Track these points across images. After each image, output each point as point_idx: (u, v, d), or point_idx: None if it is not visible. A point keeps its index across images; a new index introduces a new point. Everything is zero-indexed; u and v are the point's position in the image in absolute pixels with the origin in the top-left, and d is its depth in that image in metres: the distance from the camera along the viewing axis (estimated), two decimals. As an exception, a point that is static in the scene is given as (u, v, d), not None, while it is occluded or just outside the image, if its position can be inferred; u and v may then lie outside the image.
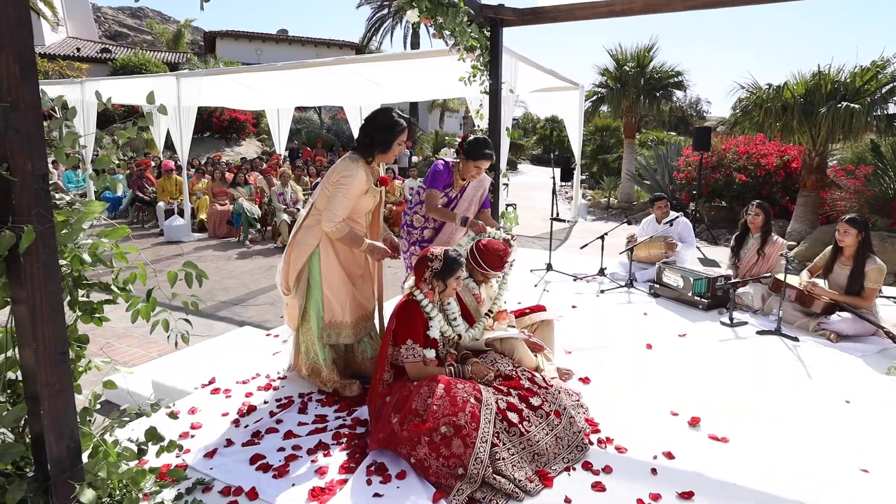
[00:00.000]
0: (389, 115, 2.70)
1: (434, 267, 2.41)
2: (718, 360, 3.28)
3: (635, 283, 4.87)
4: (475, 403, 2.16)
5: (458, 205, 3.44)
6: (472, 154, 3.24)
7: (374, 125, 2.69)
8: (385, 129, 2.66)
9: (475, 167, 3.28)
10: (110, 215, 10.89)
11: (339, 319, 2.75)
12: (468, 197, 3.46)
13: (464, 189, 3.45)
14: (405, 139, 2.76)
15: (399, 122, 2.68)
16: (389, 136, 2.67)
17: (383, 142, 2.67)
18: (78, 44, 25.30)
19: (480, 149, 3.23)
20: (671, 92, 13.45)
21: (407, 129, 2.72)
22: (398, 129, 2.68)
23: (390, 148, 2.70)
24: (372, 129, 2.68)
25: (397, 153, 2.77)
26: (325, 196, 2.67)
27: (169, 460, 2.17)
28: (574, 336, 3.60)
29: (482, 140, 3.28)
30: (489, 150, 3.26)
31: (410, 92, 9.54)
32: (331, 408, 2.63)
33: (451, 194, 3.42)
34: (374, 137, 2.66)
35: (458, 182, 3.41)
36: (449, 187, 3.41)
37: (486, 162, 3.27)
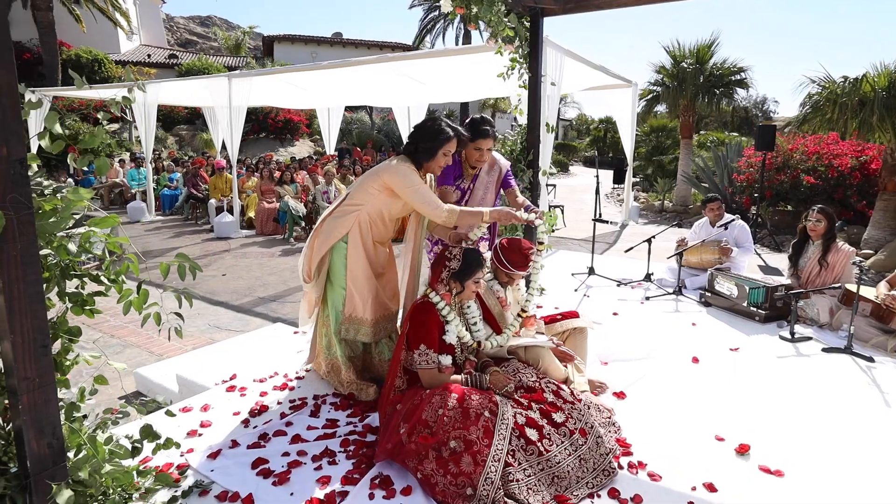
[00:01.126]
0: (437, 122, 2.63)
1: (451, 267, 2.24)
2: (775, 380, 2.94)
3: (684, 291, 4.52)
4: (489, 417, 1.98)
5: (472, 193, 3.27)
6: (470, 135, 3.07)
7: (419, 131, 2.63)
8: (430, 136, 2.59)
9: (475, 149, 3.09)
10: (166, 213, 11.38)
11: (359, 315, 2.64)
12: (482, 184, 3.28)
13: (475, 177, 3.28)
14: (452, 150, 2.64)
15: (445, 130, 2.59)
16: (433, 144, 2.58)
17: (427, 150, 2.59)
18: (149, 51, 26.82)
19: (476, 127, 3.05)
20: (733, 90, 12.66)
21: (454, 139, 2.61)
22: (443, 138, 2.58)
23: (434, 156, 2.60)
24: (417, 136, 2.62)
25: (442, 164, 2.66)
26: (366, 192, 2.61)
27: (172, 459, 2.11)
28: (612, 346, 3.34)
29: (478, 119, 3.10)
30: (486, 127, 3.07)
31: (457, 91, 9.39)
32: (344, 412, 2.51)
33: (462, 185, 3.26)
34: (419, 144, 2.60)
35: (468, 171, 3.25)
36: (459, 178, 3.25)
37: (484, 141, 3.08)
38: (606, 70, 8.01)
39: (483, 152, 3.12)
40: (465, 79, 7.91)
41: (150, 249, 8.20)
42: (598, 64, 7.61)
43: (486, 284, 2.70)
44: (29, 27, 20.40)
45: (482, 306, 2.65)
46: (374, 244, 2.66)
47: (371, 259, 2.64)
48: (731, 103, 14.78)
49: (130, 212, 10.67)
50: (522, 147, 4.25)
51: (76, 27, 20.95)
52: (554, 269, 5.49)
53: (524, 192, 4.23)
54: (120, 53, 24.79)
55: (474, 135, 3.05)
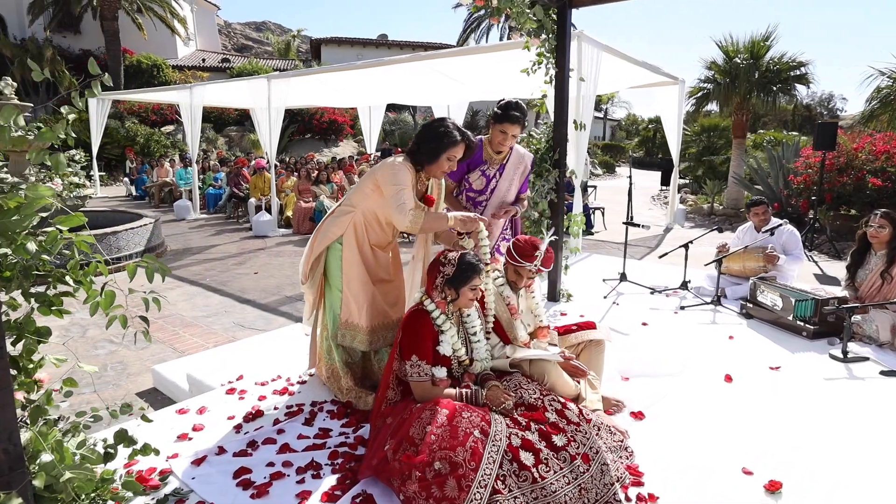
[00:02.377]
0: (444, 124, 2.46)
1: (445, 272, 2.09)
2: (820, 405, 2.62)
3: (723, 301, 4.17)
4: (480, 438, 1.81)
5: (499, 185, 3.11)
6: (498, 116, 2.93)
7: (424, 131, 2.48)
8: (433, 138, 2.43)
9: (500, 131, 2.95)
10: (210, 211, 11.73)
11: (354, 321, 2.53)
12: (508, 175, 3.12)
13: (503, 166, 3.12)
14: (457, 155, 2.47)
15: (451, 134, 2.41)
16: (436, 147, 2.42)
17: (429, 151, 2.43)
18: (204, 55, 27.95)
19: (507, 110, 2.90)
20: (791, 86, 11.85)
21: (460, 144, 2.44)
22: (447, 142, 2.41)
23: (436, 160, 2.44)
24: (421, 136, 2.47)
25: (446, 169, 2.50)
26: (362, 192, 2.51)
27: (157, 463, 2.05)
28: (636, 359, 3.09)
29: (512, 103, 2.94)
30: (516, 113, 2.91)
31: (494, 89, 9.20)
32: (339, 421, 2.41)
33: (488, 172, 3.11)
34: (422, 145, 2.45)
35: (494, 157, 3.08)
36: (484, 165, 3.08)
37: (511, 126, 2.93)
38: (649, 66, 7.63)
39: (507, 137, 2.98)
40: (503, 76, 7.72)
41: (189, 247, 8.44)
42: (640, 60, 7.25)
43: (497, 289, 2.54)
44: (98, 36, 21.68)
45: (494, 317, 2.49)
46: (371, 248, 2.54)
47: (368, 263, 2.52)
48: (791, 101, 13.86)
49: (176, 210, 11.06)
50: (548, 145, 4.04)
51: (138, 35, 22.07)
52: (584, 274, 5.23)
53: (549, 193, 4.02)
54: (177, 59, 25.96)
55: (503, 117, 2.94)
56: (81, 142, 15.15)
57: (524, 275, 2.47)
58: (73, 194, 7.14)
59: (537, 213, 4.04)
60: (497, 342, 2.48)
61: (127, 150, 16.29)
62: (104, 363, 4.00)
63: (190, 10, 28.08)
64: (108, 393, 3.55)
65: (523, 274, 2.47)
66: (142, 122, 19.55)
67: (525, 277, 2.49)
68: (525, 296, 2.66)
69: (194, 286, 6.15)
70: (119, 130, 17.70)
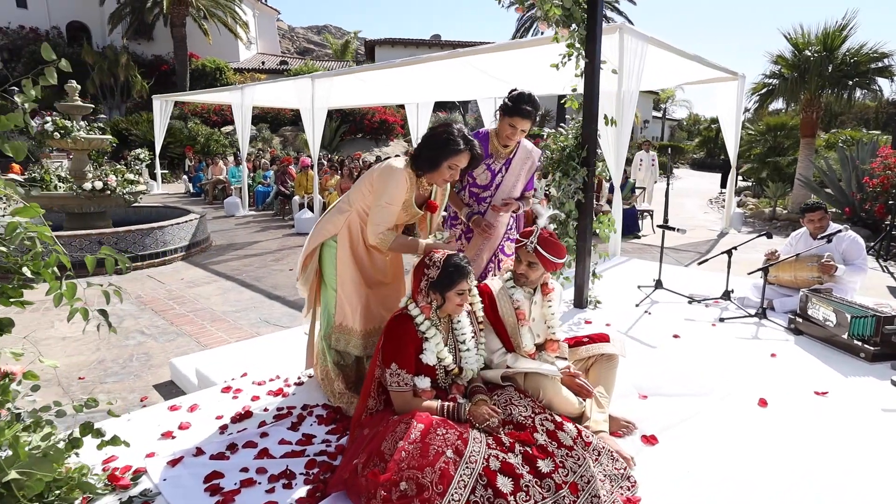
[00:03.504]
0: (448, 130, 2.30)
1: (430, 275, 1.94)
2: (873, 439, 2.26)
3: (770, 314, 3.77)
4: (452, 458, 1.65)
5: (504, 180, 2.93)
6: (507, 109, 2.74)
7: (427, 137, 2.34)
8: (435, 144, 2.28)
9: (509, 125, 2.76)
10: (259, 208, 12.08)
11: (348, 324, 2.43)
12: (515, 170, 2.94)
13: (509, 160, 2.95)
14: (460, 164, 2.32)
15: (455, 141, 2.26)
16: (437, 154, 2.28)
17: (430, 159, 2.29)
18: (263, 58, 29.03)
19: (518, 104, 2.70)
20: (872, 80, 10.82)
21: (464, 153, 2.28)
22: (450, 149, 2.26)
23: (437, 167, 2.29)
24: (423, 142, 2.34)
25: (447, 178, 2.34)
26: (360, 192, 2.42)
27: (134, 461, 2.02)
28: (658, 375, 2.81)
29: (524, 95, 2.74)
30: (528, 107, 2.71)
31: (537, 84, 8.92)
32: (326, 427, 2.30)
33: (493, 167, 2.93)
34: (423, 151, 2.32)
35: (500, 150, 2.91)
36: (490, 159, 2.91)
37: (522, 120, 2.73)
38: (703, 60, 7.15)
39: (516, 132, 2.80)
40: (545, 72, 7.47)
41: (234, 242, 8.69)
42: (692, 54, 6.79)
43: (506, 290, 2.35)
44: (168, 42, 23.01)
45: (495, 322, 2.31)
46: (366, 249, 2.43)
47: (362, 264, 2.41)
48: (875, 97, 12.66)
49: (226, 207, 11.45)
50: (577, 142, 3.79)
51: (204, 40, 23.20)
52: (619, 279, 4.91)
53: (576, 193, 3.78)
54: (239, 62, 27.10)
55: (513, 111, 2.76)
56: (147, 141, 16.12)
57: (523, 259, 2.27)
58: (127, 190, 7.47)
59: (564, 214, 3.81)
60: (498, 347, 2.30)
61: (187, 149, 17.11)
62: (131, 354, 4.11)
63: (252, 14, 29.25)
64: (128, 383, 3.63)
65: (522, 258, 2.27)
66: (204, 122, 20.52)
67: (525, 264, 2.26)
68: (541, 303, 2.45)
69: (230, 281, 6.29)
70: (182, 130, 18.64)
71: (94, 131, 7.85)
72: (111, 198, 7.32)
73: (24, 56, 21.40)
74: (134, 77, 21.38)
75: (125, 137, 18.10)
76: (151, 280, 6.29)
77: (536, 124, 2.86)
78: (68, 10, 24.52)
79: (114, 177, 7.46)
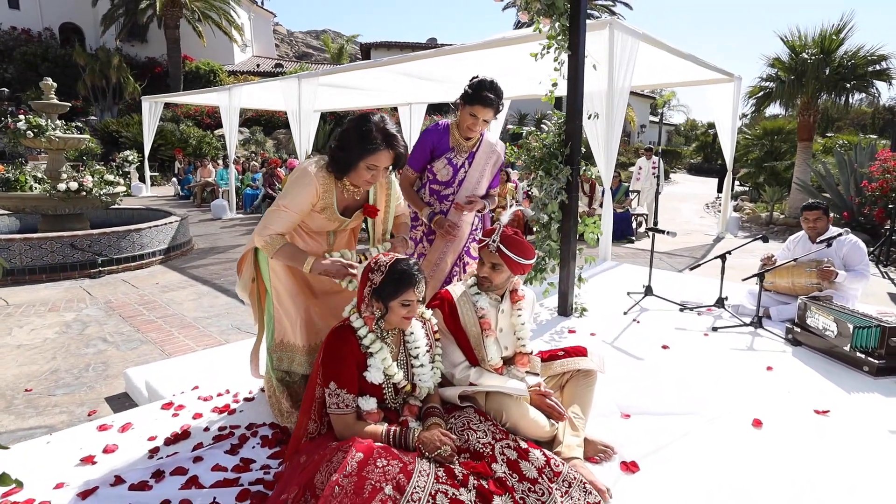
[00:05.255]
0: (366, 124, 1.94)
1: (373, 281, 1.70)
2: (881, 463, 2.03)
3: (766, 323, 3.53)
4: (390, 495, 1.40)
5: (468, 176, 2.71)
6: (467, 97, 2.53)
7: (341, 133, 2.00)
8: (349, 142, 1.93)
9: (470, 114, 2.55)
10: (247, 211, 11.84)
11: (290, 340, 2.18)
12: (479, 165, 2.71)
13: (472, 154, 2.73)
14: (379, 164, 1.96)
15: (371, 138, 1.91)
16: (351, 154, 1.94)
17: (343, 159, 1.95)
18: (258, 61, 28.86)
19: (479, 91, 2.49)
20: (869, 83, 10.65)
21: (382, 152, 1.93)
22: (365, 148, 1.91)
23: (353, 168, 1.96)
24: (338, 138, 1.99)
25: (367, 179, 1.99)
26: None
27: (38, 494, 1.76)
28: (644, 392, 2.57)
29: (485, 81, 2.53)
30: (490, 95, 2.49)
31: (533, 83, 8.72)
32: (268, 450, 2.05)
33: (455, 161, 2.70)
34: (336, 151, 1.98)
35: (462, 143, 2.68)
36: (451, 152, 2.68)
37: (484, 109, 2.51)
38: (698, 60, 6.94)
39: (478, 121, 2.58)
40: (541, 71, 7.26)
41: (216, 246, 8.46)
42: (686, 53, 6.59)
43: (469, 297, 2.11)
44: (162, 44, 22.82)
45: (457, 333, 2.07)
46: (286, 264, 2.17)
47: (298, 272, 2.13)
48: (871, 101, 12.50)
49: (213, 209, 11.21)
50: (560, 139, 3.56)
51: (198, 42, 23.02)
52: (608, 285, 4.68)
53: (560, 193, 3.55)
54: (234, 64, 26.91)
55: (473, 98, 2.53)
56: (138, 143, 15.88)
57: (486, 260, 2.04)
58: (104, 191, 7.23)
59: (546, 215, 3.58)
60: (461, 361, 2.05)
61: (176, 151, 16.88)
62: (88, 363, 3.86)
63: (247, 17, 29.11)
64: (79, 396, 3.38)
65: (485, 259, 2.04)
66: (197, 125, 20.29)
67: (488, 265, 2.03)
68: (509, 311, 2.21)
69: (206, 286, 6.04)
70: (174, 133, 18.40)
71: (71, 130, 7.62)
72: (87, 199, 7.07)
73: (16, 57, 21.18)
74: (126, 79, 21.16)
75: (116, 140, 17.86)
76: (125, 284, 6.04)
77: (499, 112, 2.63)
78: (61, 11, 24.33)
79: (90, 177, 7.21)
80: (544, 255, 3.71)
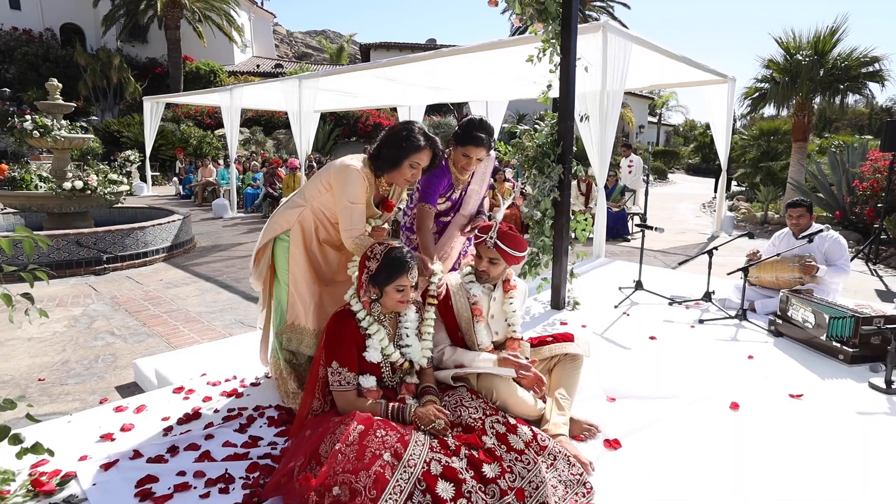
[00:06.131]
0: (408, 128, 2.26)
1: (370, 268, 1.84)
2: (847, 444, 2.16)
3: (750, 315, 3.68)
4: (389, 461, 1.55)
5: (462, 203, 2.86)
6: (459, 138, 2.64)
7: (386, 135, 2.29)
8: (396, 142, 2.23)
9: (463, 155, 2.65)
10: (248, 210, 11.98)
11: (301, 324, 2.34)
12: (473, 192, 2.86)
13: (467, 186, 2.86)
14: (422, 162, 2.27)
15: (416, 138, 2.22)
16: (398, 152, 2.22)
17: (390, 158, 2.23)
18: (258, 61, 28.98)
19: (469, 131, 2.60)
20: (863, 84, 10.80)
21: (424, 150, 2.23)
22: (411, 146, 2.21)
23: (398, 167, 2.24)
24: (383, 140, 2.28)
25: (409, 177, 2.29)
26: (315, 188, 2.35)
27: (64, 465, 1.90)
28: (628, 377, 2.71)
29: (475, 122, 2.64)
30: (481, 134, 2.60)
31: (530, 85, 8.86)
32: (274, 429, 2.20)
33: (453, 196, 2.84)
34: (382, 150, 2.25)
35: (459, 179, 2.80)
36: (450, 189, 2.81)
37: (476, 149, 2.62)
38: (691, 62, 7.08)
39: (471, 161, 2.68)
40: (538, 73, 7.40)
41: (218, 244, 8.60)
42: (679, 54, 6.73)
43: (463, 285, 2.26)
44: (162, 45, 22.94)
45: (447, 316, 2.21)
46: (320, 245, 2.36)
47: (315, 262, 2.34)
48: (867, 102, 12.62)
49: (215, 208, 11.35)
50: (552, 139, 3.70)
51: (199, 43, 23.15)
52: (600, 280, 4.82)
53: (552, 190, 3.70)
54: (234, 65, 27.04)
55: (465, 139, 2.65)
56: (139, 143, 16.00)
57: (484, 255, 2.18)
58: (109, 190, 7.36)
59: (539, 212, 3.72)
60: (441, 343, 2.20)
61: (177, 151, 17.01)
62: (97, 355, 3.99)
63: (248, 18, 29.25)
64: (90, 385, 3.51)
65: (483, 254, 2.18)
66: (197, 125, 20.42)
67: (486, 260, 2.18)
68: (501, 299, 2.36)
69: (209, 282, 6.18)
70: (175, 133, 18.54)
71: (76, 130, 7.76)
72: (92, 198, 7.20)
73: (18, 57, 21.30)
74: (127, 79, 21.29)
75: (117, 140, 17.98)
76: (129, 281, 6.17)
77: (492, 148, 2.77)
78: (62, 11, 24.45)
79: (95, 176, 7.35)
80: (538, 251, 3.85)
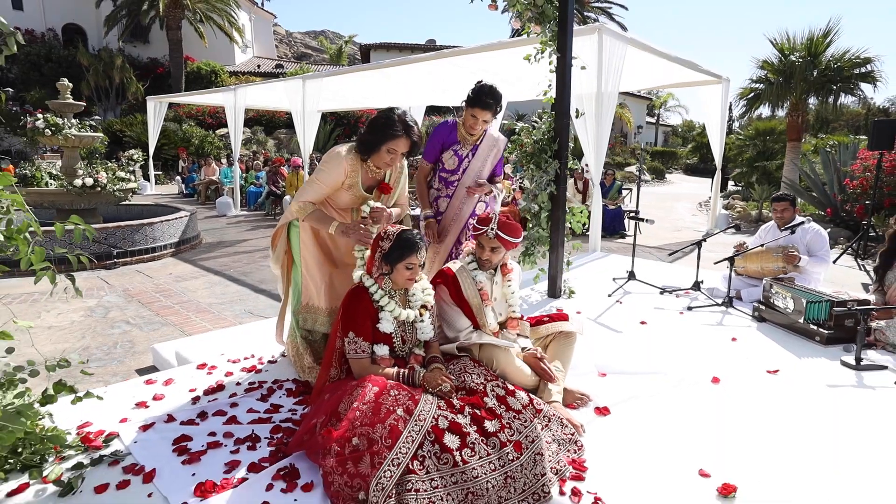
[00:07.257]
0: (388, 116, 2.37)
1: (383, 247, 2.05)
2: (814, 412, 2.37)
3: (736, 303, 3.89)
4: (402, 416, 1.75)
5: (471, 165, 3.15)
6: (470, 100, 2.95)
7: (370, 121, 2.44)
8: (375, 129, 2.36)
9: (471, 115, 2.97)
10: (251, 208, 12.18)
11: (314, 304, 2.55)
12: (481, 156, 3.15)
13: (476, 147, 3.15)
14: (399, 149, 2.38)
15: (393, 126, 2.33)
16: (375, 138, 2.35)
17: (369, 142, 2.38)
18: (259, 62, 29.18)
19: (479, 96, 2.91)
20: (855, 85, 11.03)
21: (401, 138, 2.34)
22: (388, 133, 2.33)
23: (376, 151, 2.37)
24: (366, 125, 2.44)
25: (387, 161, 2.41)
26: None
27: (107, 426, 2.10)
28: (619, 356, 2.92)
29: (485, 87, 2.94)
30: (489, 100, 2.91)
31: (530, 86, 9.05)
32: (293, 399, 2.40)
33: (460, 152, 3.15)
34: (364, 135, 2.41)
35: (467, 137, 3.12)
36: (457, 145, 3.13)
37: (482, 111, 2.94)
38: (685, 62, 7.28)
39: (478, 121, 3.01)
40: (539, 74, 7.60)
41: (223, 240, 8.79)
42: (673, 56, 6.93)
43: (468, 272, 2.46)
44: (164, 45, 23.14)
45: (459, 300, 2.42)
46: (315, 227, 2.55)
47: (324, 245, 2.55)
48: (863, 103, 12.84)
49: (218, 206, 11.54)
50: (549, 136, 3.91)
51: (200, 43, 23.33)
52: (596, 272, 5.03)
53: (549, 185, 3.90)
54: (235, 65, 27.23)
55: (474, 101, 2.97)
56: (141, 143, 16.20)
57: (486, 245, 2.39)
58: (118, 187, 7.56)
59: (537, 205, 3.92)
60: (466, 326, 2.40)
61: (180, 150, 17.20)
62: (115, 342, 4.19)
63: (248, 18, 29.44)
64: (111, 368, 3.71)
65: (485, 244, 2.39)
66: (199, 124, 20.62)
67: (488, 249, 2.39)
68: (501, 283, 2.57)
69: (217, 276, 6.38)
70: (177, 133, 18.73)
71: (85, 129, 7.95)
72: (101, 194, 7.41)
73: (20, 58, 21.46)
74: (129, 79, 21.48)
75: (120, 139, 18.17)
76: (139, 275, 6.37)
77: (498, 113, 3.05)
78: (64, 11, 24.63)
79: (104, 174, 7.55)
80: (534, 242, 4.06)
